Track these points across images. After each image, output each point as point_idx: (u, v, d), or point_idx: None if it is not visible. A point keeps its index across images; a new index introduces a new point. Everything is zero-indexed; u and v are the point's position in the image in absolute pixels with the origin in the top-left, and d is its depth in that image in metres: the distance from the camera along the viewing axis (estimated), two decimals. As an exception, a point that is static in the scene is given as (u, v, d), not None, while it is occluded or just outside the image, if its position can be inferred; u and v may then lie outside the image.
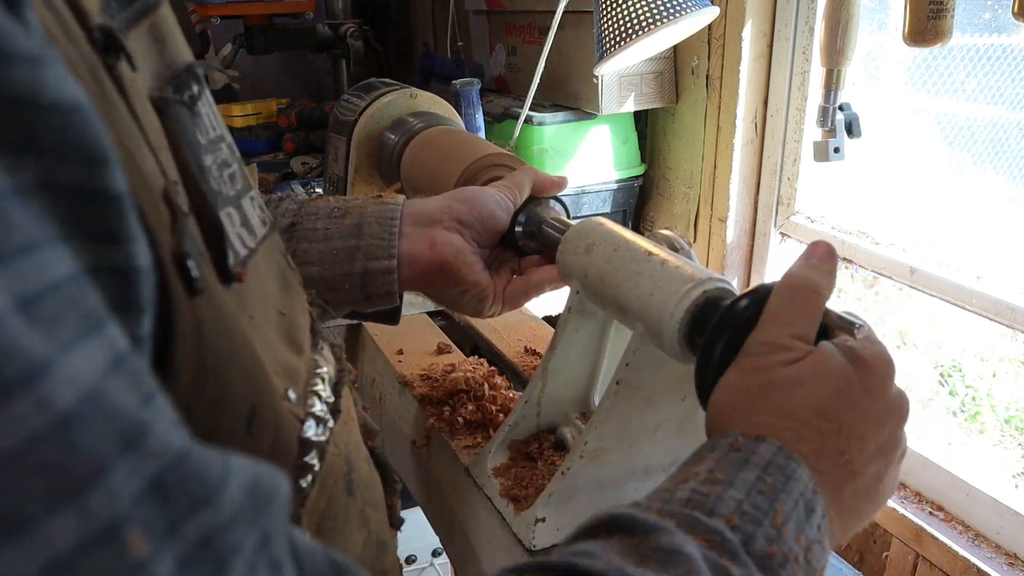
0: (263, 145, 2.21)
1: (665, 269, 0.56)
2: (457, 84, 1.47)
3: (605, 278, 0.61)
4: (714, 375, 0.49)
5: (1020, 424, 1.27)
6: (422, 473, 0.84)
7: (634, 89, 1.53)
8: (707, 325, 0.51)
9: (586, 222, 0.67)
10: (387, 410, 0.94)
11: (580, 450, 0.61)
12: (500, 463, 0.71)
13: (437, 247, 0.67)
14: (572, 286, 0.66)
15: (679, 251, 0.62)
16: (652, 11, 1.20)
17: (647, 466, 0.65)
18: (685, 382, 0.59)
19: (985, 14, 1.19)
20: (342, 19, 2.21)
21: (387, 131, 1.04)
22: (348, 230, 0.66)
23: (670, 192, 1.65)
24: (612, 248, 0.61)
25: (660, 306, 0.54)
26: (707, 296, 0.53)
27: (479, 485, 0.71)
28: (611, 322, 0.68)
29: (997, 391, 1.30)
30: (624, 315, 0.60)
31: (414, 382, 0.88)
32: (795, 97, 1.41)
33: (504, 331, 1.00)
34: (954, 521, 1.19)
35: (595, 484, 0.63)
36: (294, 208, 0.68)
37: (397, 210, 0.68)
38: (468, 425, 0.79)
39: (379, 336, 1.00)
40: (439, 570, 1.33)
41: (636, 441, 0.63)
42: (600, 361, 0.70)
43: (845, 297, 1.49)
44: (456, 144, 0.94)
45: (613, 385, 0.59)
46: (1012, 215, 1.24)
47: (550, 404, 0.70)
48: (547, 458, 0.69)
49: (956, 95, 1.26)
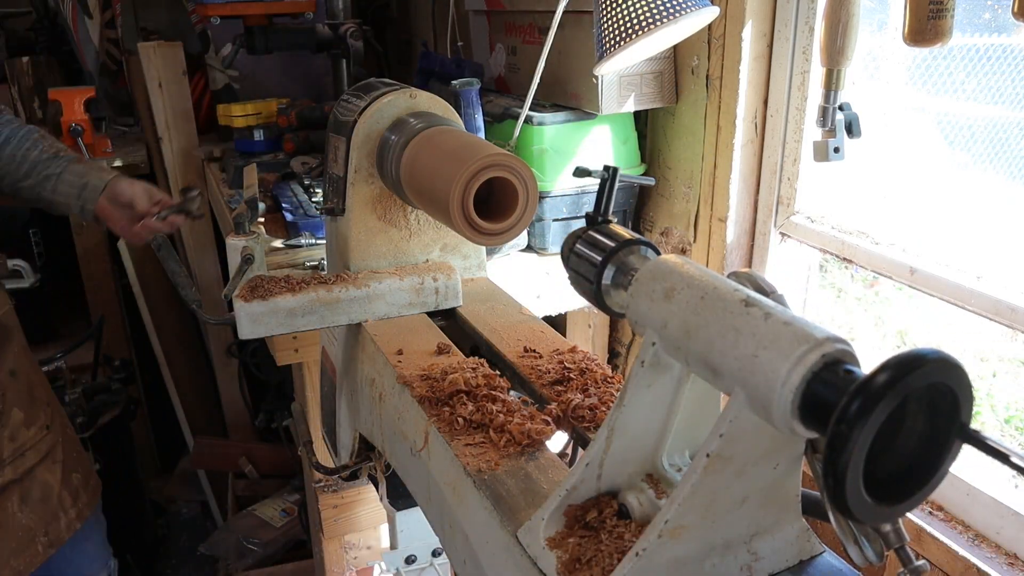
0: (263, 145, 2.21)
1: (771, 324, 0.48)
2: (457, 84, 1.47)
3: (692, 332, 0.53)
4: (854, 470, 0.41)
5: (1020, 424, 1.27)
6: (422, 474, 0.84)
7: (634, 89, 1.53)
8: (829, 398, 0.43)
9: (661, 261, 0.58)
10: (387, 410, 0.94)
11: (659, 529, 0.54)
12: (556, 532, 0.63)
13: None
14: (646, 336, 0.58)
15: (769, 294, 0.55)
16: (652, 11, 1.20)
17: (728, 540, 0.58)
18: (780, 449, 0.54)
19: (985, 14, 1.19)
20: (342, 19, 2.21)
21: (387, 131, 1.04)
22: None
23: (670, 192, 1.65)
24: (698, 295, 0.53)
25: (769, 371, 0.47)
26: (826, 361, 0.45)
27: (531, 557, 0.63)
28: (688, 376, 0.60)
29: (997, 391, 1.30)
30: (718, 377, 0.52)
31: (414, 382, 0.87)
32: (795, 97, 1.41)
33: (504, 331, 0.99)
34: (954, 521, 1.19)
35: (671, 563, 0.56)
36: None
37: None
38: (468, 425, 0.79)
39: (379, 336, 1.00)
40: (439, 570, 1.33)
41: (720, 515, 0.56)
42: (672, 419, 0.63)
43: (845, 297, 1.49)
44: (456, 144, 0.94)
45: (702, 458, 0.52)
46: (1012, 215, 1.23)
47: (613, 466, 0.63)
48: (610, 528, 0.62)
49: (956, 95, 1.26)
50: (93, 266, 2.84)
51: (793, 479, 0.57)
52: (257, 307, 0.98)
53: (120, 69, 3.01)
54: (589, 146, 1.58)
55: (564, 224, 1.59)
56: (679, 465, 0.64)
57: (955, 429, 0.45)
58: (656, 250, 0.69)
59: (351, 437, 1.14)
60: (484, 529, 0.70)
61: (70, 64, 3.28)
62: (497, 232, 0.92)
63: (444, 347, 0.96)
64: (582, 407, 0.80)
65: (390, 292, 1.04)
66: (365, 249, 1.09)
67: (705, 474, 0.52)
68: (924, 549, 1.17)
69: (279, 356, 1.41)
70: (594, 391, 0.83)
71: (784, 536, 0.60)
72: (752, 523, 0.58)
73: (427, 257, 1.12)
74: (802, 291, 1.50)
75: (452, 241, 1.13)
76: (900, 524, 0.51)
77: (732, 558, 0.57)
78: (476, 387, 0.83)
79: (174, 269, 1.56)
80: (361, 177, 1.06)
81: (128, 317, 2.95)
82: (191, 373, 3.01)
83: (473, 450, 0.76)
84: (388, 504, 1.22)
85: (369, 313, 1.04)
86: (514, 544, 0.65)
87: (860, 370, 0.46)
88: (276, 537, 2.44)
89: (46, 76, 3.14)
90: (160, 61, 2.45)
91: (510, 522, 0.67)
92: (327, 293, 1.01)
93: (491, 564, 0.69)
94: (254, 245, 1.03)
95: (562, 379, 0.86)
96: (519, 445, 0.75)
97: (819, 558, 0.61)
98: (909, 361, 0.41)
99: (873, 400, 0.41)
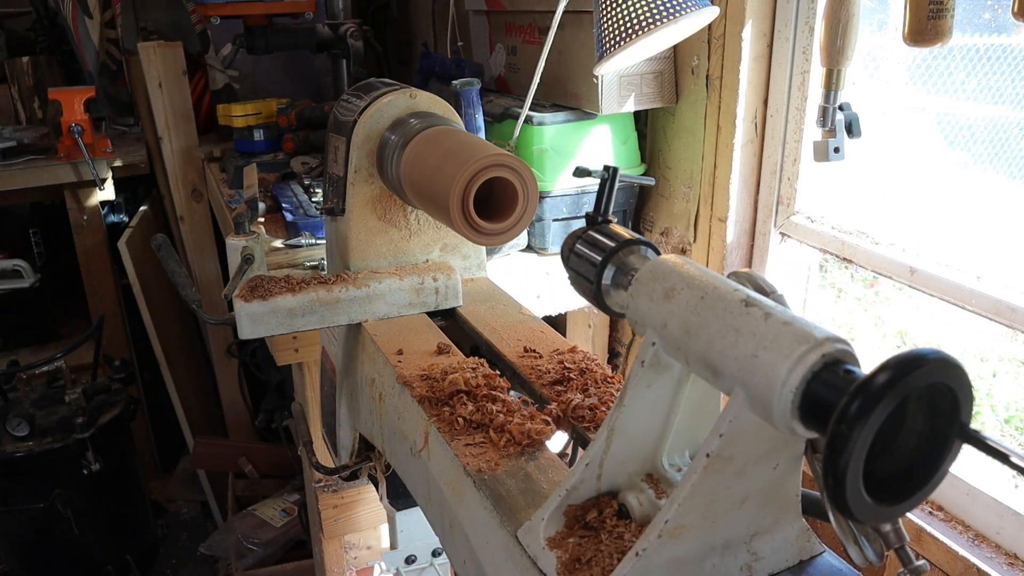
0: (263, 145, 2.21)
1: (770, 324, 0.48)
2: (457, 84, 1.47)
3: (692, 332, 0.53)
4: (854, 470, 0.41)
5: (1020, 424, 1.27)
6: (422, 473, 0.84)
7: (634, 89, 1.53)
8: (829, 398, 0.43)
9: (661, 261, 0.58)
10: (387, 410, 0.94)
11: (659, 529, 0.54)
12: (555, 532, 0.63)
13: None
14: (646, 336, 0.58)
15: (769, 294, 0.55)
16: (652, 11, 1.20)
17: (728, 540, 0.57)
18: (780, 449, 0.54)
19: (985, 14, 1.19)
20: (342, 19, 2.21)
21: (387, 131, 1.04)
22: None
23: (670, 192, 1.65)
24: (698, 295, 0.53)
25: (769, 371, 0.47)
26: (826, 361, 0.45)
27: (531, 557, 0.63)
28: (688, 376, 0.60)
29: (997, 391, 1.30)
30: (718, 377, 0.52)
31: (414, 382, 0.87)
32: (795, 97, 1.41)
33: (504, 331, 0.99)
34: (954, 521, 1.19)
35: (671, 563, 0.56)
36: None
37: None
38: (468, 425, 0.79)
39: (379, 336, 1.00)
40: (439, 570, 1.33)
41: (720, 515, 0.56)
42: (672, 419, 0.62)
43: (845, 297, 1.49)
44: (456, 144, 0.94)
45: (702, 458, 0.52)
46: (1012, 215, 1.23)
47: (613, 466, 0.63)
48: (610, 528, 0.61)
49: (956, 95, 1.26)
50: (93, 266, 2.84)
51: (793, 479, 0.57)
52: (257, 307, 0.98)
53: (120, 69, 3.01)
54: (589, 146, 1.58)
55: (564, 224, 1.59)
56: (679, 465, 0.64)
57: (955, 429, 0.45)
58: (656, 250, 0.69)
59: (351, 437, 1.14)
60: (484, 529, 0.70)
61: (70, 64, 3.28)
62: (497, 232, 0.92)
63: (444, 347, 0.96)
64: (582, 407, 0.80)
65: (390, 292, 1.04)
66: (365, 249, 1.09)
67: (705, 474, 0.52)
68: (924, 549, 1.17)
69: (279, 356, 1.41)
70: (594, 391, 0.83)
71: (784, 536, 0.60)
72: (752, 523, 0.58)
73: (427, 257, 1.12)
74: (802, 291, 1.50)
75: (452, 241, 1.13)
76: (900, 524, 0.51)
77: (732, 558, 0.57)
78: (476, 387, 0.83)
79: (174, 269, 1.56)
80: (361, 177, 1.06)
81: (128, 317, 2.95)
82: (191, 373, 3.01)
83: (473, 450, 0.76)
84: (388, 504, 1.22)
85: (369, 313, 1.04)
86: (514, 544, 0.65)
87: (860, 370, 0.45)
88: (276, 537, 2.44)
89: (46, 76, 3.14)
90: (160, 61, 2.45)
91: (510, 522, 0.67)
92: (327, 293, 1.01)
93: (491, 564, 0.69)
94: (254, 245, 1.03)
95: (562, 379, 0.86)
96: (519, 445, 0.75)
97: (819, 558, 0.61)
98: (909, 361, 0.41)
99: (873, 400, 0.41)
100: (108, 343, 2.76)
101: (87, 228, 2.79)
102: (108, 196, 2.80)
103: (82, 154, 2.58)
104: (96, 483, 2.41)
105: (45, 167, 2.64)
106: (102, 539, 2.52)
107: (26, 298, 2.83)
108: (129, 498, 2.60)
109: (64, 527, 2.39)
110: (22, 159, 2.67)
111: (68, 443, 2.31)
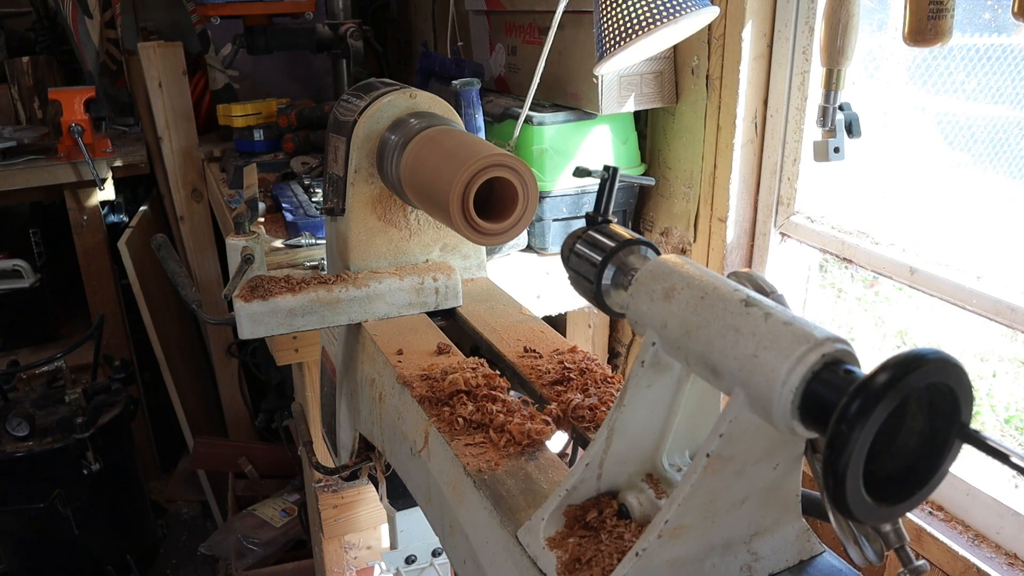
0: (263, 145, 2.21)
1: (771, 324, 0.48)
2: (457, 84, 1.47)
3: (692, 332, 0.53)
4: (854, 470, 0.41)
5: (1020, 424, 1.27)
6: (422, 473, 0.84)
7: (634, 89, 1.53)
8: (829, 398, 0.43)
9: (661, 261, 0.58)
10: (387, 410, 0.94)
11: (659, 529, 0.54)
12: (555, 532, 0.63)
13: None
14: (646, 336, 0.58)
15: (769, 294, 0.55)
16: (652, 11, 1.20)
17: (728, 540, 0.57)
18: (780, 449, 0.54)
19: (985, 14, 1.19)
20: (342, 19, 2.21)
21: (387, 131, 1.04)
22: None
23: (670, 192, 1.65)
24: (698, 295, 0.53)
25: (769, 371, 0.46)
26: (826, 361, 0.45)
27: (531, 557, 0.63)
28: (688, 376, 0.60)
29: (997, 391, 1.30)
30: (718, 377, 0.52)
31: (414, 382, 0.87)
32: (795, 97, 1.41)
33: (504, 331, 0.99)
34: (954, 521, 1.19)
35: (671, 563, 0.56)
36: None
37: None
38: (468, 425, 0.79)
39: (379, 336, 1.00)
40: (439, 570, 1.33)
41: (720, 515, 0.56)
42: (672, 419, 0.62)
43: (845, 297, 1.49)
44: (456, 144, 0.94)
45: (702, 458, 0.52)
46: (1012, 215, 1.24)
47: (613, 466, 0.63)
48: (610, 528, 0.61)
49: (956, 95, 1.26)
50: (93, 266, 2.84)
51: (793, 479, 0.57)
52: (257, 307, 0.98)
53: (120, 69, 3.01)
54: (589, 146, 1.58)
55: (564, 224, 1.59)
56: (679, 465, 0.64)
57: (955, 429, 0.45)
58: (656, 250, 0.69)
59: (351, 437, 1.14)
60: (484, 529, 0.70)
61: (70, 64, 3.28)
62: (497, 232, 0.92)
63: (444, 347, 0.96)
64: (582, 407, 0.80)
65: (390, 292, 1.04)
66: (365, 249, 1.09)
67: (705, 474, 0.52)
68: (924, 549, 1.17)
69: (279, 356, 1.41)
70: (594, 391, 0.83)
71: (784, 536, 0.60)
72: (752, 523, 0.57)
73: (427, 257, 1.12)
74: (802, 291, 1.50)
75: (452, 241, 1.13)
76: (900, 524, 0.51)
77: (732, 558, 0.57)
78: (476, 387, 0.83)
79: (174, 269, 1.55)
80: (361, 177, 1.06)
81: (128, 317, 2.95)
82: (191, 373, 3.01)
83: (473, 450, 0.76)
84: (388, 504, 1.22)
85: (369, 313, 1.04)
86: (514, 544, 0.65)
87: (860, 370, 0.45)
88: (276, 537, 2.44)
89: (46, 76, 3.14)
90: (160, 61, 2.45)
91: (510, 522, 0.67)
92: (327, 293, 1.01)
93: (491, 564, 0.69)
94: (254, 245, 1.03)
95: (562, 379, 0.86)
96: (519, 445, 0.75)
97: (819, 558, 0.61)
98: (909, 361, 0.41)
99: (873, 400, 0.41)
100: (108, 343, 2.76)
101: (87, 228, 2.79)
102: (108, 196, 2.80)
103: (82, 154, 2.58)
104: (96, 483, 2.41)
105: (45, 167, 2.64)
106: (102, 539, 2.52)
107: (26, 298, 2.83)
108: (129, 498, 2.61)
109: (64, 527, 2.39)
110: (22, 159, 2.67)
111: (68, 443, 2.31)
